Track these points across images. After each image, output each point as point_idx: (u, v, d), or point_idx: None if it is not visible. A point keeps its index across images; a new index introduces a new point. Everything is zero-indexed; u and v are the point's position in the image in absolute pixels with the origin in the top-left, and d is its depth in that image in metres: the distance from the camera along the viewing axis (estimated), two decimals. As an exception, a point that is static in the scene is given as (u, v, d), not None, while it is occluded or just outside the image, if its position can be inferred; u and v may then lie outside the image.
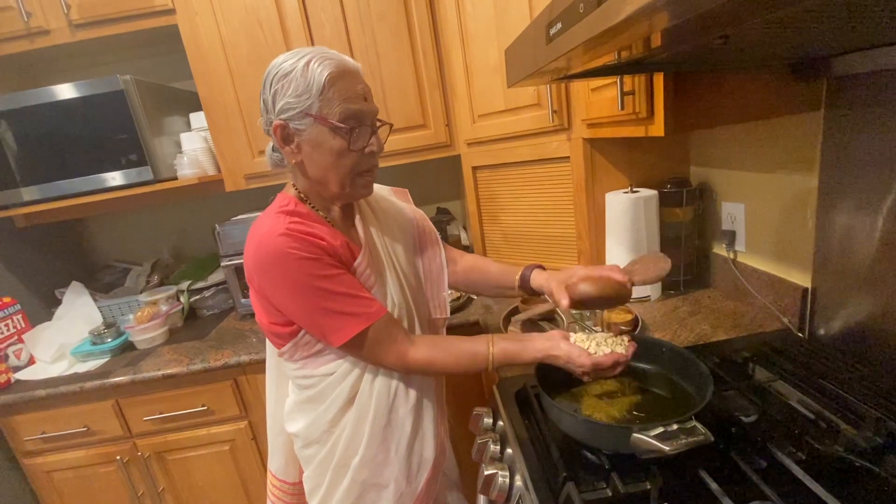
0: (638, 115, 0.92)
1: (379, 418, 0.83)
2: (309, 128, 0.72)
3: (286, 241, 0.70)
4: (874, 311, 0.85)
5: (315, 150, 0.74)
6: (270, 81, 0.72)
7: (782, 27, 0.54)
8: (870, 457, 0.65)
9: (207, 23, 1.44)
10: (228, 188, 1.60)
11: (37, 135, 1.42)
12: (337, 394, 0.82)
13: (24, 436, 1.39)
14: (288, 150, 0.75)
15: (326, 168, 0.75)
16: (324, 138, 0.72)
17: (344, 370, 0.81)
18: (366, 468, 0.84)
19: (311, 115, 0.71)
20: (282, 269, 0.70)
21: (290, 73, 0.70)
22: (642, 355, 0.90)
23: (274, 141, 0.76)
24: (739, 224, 1.17)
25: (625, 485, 0.65)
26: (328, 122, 0.71)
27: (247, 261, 0.75)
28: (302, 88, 0.70)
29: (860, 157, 0.83)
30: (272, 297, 0.74)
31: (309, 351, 0.80)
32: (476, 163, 1.55)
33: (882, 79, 0.77)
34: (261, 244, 0.72)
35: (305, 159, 0.75)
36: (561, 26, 0.50)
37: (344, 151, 0.73)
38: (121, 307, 1.69)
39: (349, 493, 0.85)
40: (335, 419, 0.83)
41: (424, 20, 1.47)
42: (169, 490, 1.47)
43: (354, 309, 0.74)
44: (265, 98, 0.73)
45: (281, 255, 0.70)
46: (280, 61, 0.72)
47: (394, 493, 0.85)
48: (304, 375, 0.83)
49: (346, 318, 0.73)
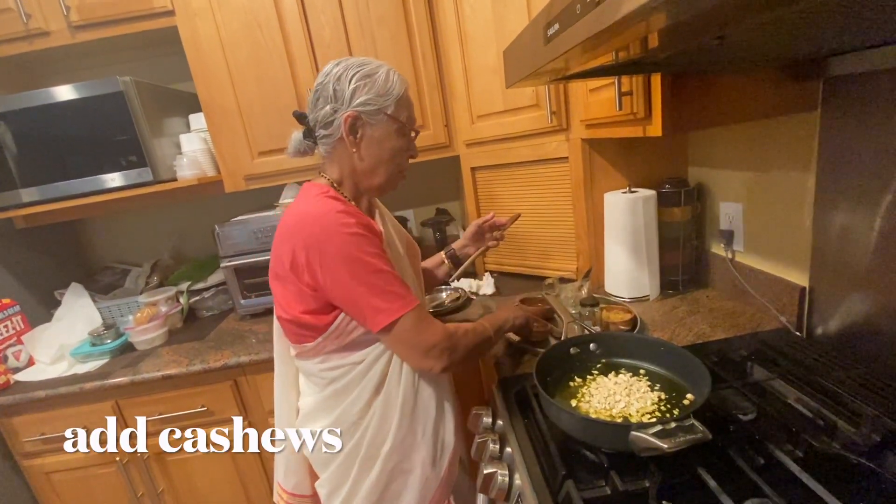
0: (636, 116, 0.92)
1: (407, 402, 0.86)
2: (379, 124, 0.82)
3: (341, 217, 0.75)
4: (871, 310, 0.85)
5: (377, 144, 0.83)
6: (350, 78, 0.80)
7: (778, 28, 0.54)
8: (867, 454, 0.65)
9: (207, 24, 1.45)
10: (228, 189, 1.60)
11: (36, 136, 1.43)
12: (366, 381, 0.85)
13: (24, 437, 1.39)
14: (350, 139, 0.82)
15: (381, 161, 0.85)
16: (388, 135, 0.83)
17: (373, 357, 0.84)
18: (395, 454, 0.86)
19: (386, 114, 0.82)
20: (336, 244, 0.74)
21: (374, 75, 0.81)
22: (641, 354, 0.91)
23: (335, 129, 0.82)
24: (737, 224, 1.18)
25: (623, 483, 0.65)
26: (400, 122, 0.84)
27: (291, 243, 0.77)
28: (384, 91, 0.81)
29: (856, 157, 0.84)
30: (321, 275, 0.75)
31: (342, 342, 0.82)
32: (475, 163, 1.56)
33: (877, 79, 0.78)
34: (315, 221, 0.76)
35: (364, 150, 0.84)
36: (558, 27, 0.51)
37: (401, 150, 0.86)
38: (120, 308, 1.69)
39: (377, 485, 0.86)
40: (364, 408, 0.86)
41: (423, 22, 1.48)
42: (168, 491, 1.47)
43: (401, 291, 0.78)
44: (337, 89, 0.80)
45: (336, 230, 0.74)
46: (358, 63, 0.81)
47: (420, 477, 0.88)
48: (331, 367, 0.85)
49: (394, 299, 0.77)
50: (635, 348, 0.92)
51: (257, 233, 1.55)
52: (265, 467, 1.46)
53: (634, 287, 1.30)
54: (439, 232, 1.81)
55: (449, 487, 0.93)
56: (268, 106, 1.51)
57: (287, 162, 1.56)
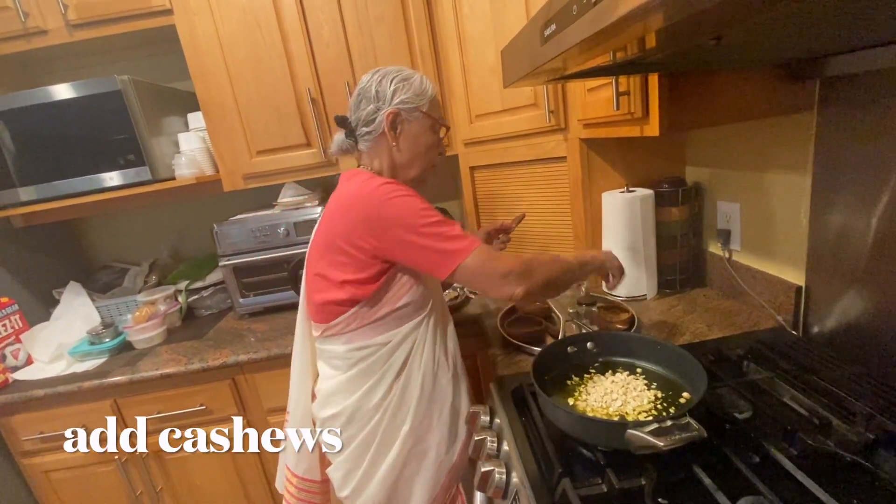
0: (633, 116, 0.93)
1: (426, 385, 0.92)
2: (416, 121, 0.92)
3: (390, 186, 0.84)
4: (867, 309, 0.86)
5: (413, 140, 0.93)
6: (391, 80, 0.90)
7: (775, 28, 0.55)
8: (861, 452, 0.66)
9: (205, 23, 1.44)
10: (226, 188, 1.60)
11: (34, 135, 1.43)
12: (391, 363, 0.90)
13: (22, 435, 1.39)
14: (391, 134, 0.91)
15: (417, 155, 0.94)
16: (424, 132, 0.94)
17: (398, 340, 0.90)
18: (412, 435, 0.91)
19: (421, 112, 0.92)
20: (394, 205, 0.82)
21: (410, 78, 0.92)
22: (638, 353, 0.91)
23: (378, 125, 0.91)
24: (734, 223, 1.18)
25: (620, 480, 0.65)
26: (433, 118, 0.94)
27: (353, 214, 0.84)
28: (420, 91, 0.92)
29: (852, 157, 0.84)
30: (382, 237, 0.82)
31: (370, 318, 0.88)
32: (473, 163, 1.56)
33: (873, 79, 0.78)
34: (371, 194, 0.83)
35: (402, 144, 0.93)
36: (555, 27, 0.51)
37: (433, 146, 0.96)
38: (119, 307, 1.69)
39: (394, 466, 0.90)
40: (387, 390, 0.90)
41: (422, 22, 1.48)
42: (167, 490, 1.47)
43: (464, 233, 0.84)
44: (379, 91, 0.90)
45: (391, 194, 0.82)
46: (395, 69, 0.93)
47: (434, 461, 0.93)
48: (358, 348, 0.90)
49: (460, 240, 0.82)
50: (632, 347, 0.92)
51: (256, 232, 1.55)
52: (264, 465, 1.47)
53: (632, 286, 1.30)
54: (438, 231, 1.81)
55: (459, 473, 0.97)
56: (266, 105, 1.51)
57: (286, 161, 1.57)
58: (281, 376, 1.35)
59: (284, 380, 1.07)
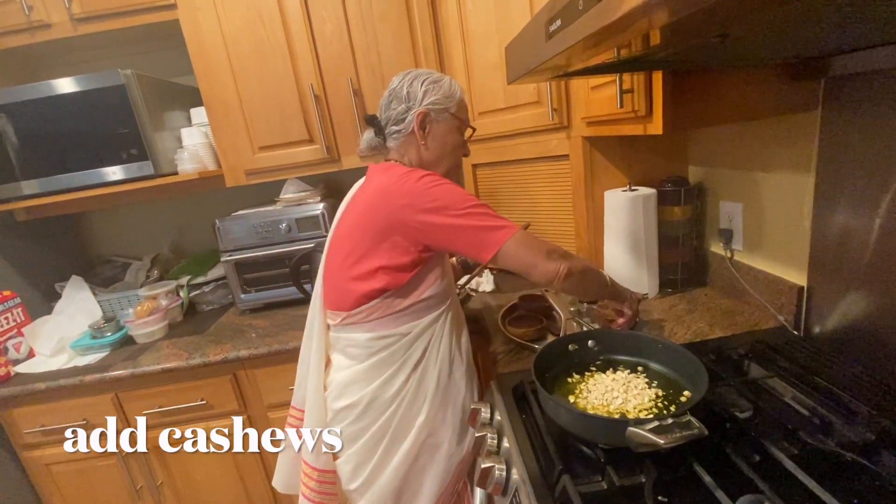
0: (637, 114, 0.92)
1: (442, 378, 0.95)
2: (444, 121, 0.96)
3: (436, 176, 0.88)
4: (869, 310, 0.86)
5: (441, 139, 0.96)
6: (422, 82, 0.94)
7: (781, 26, 0.54)
8: (862, 452, 0.65)
9: (209, 18, 1.44)
10: (229, 183, 1.60)
11: (37, 129, 1.43)
12: (410, 354, 0.93)
13: (24, 428, 1.40)
14: (420, 133, 0.95)
15: (444, 154, 0.98)
16: (450, 132, 0.97)
17: (419, 331, 0.92)
18: (427, 427, 0.94)
19: (449, 113, 0.96)
20: (436, 192, 0.85)
21: (440, 81, 0.96)
22: (639, 352, 0.91)
23: (407, 125, 0.95)
24: (737, 223, 1.18)
25: (620, 478, 0.65)
26: (460, 119, 0.98)
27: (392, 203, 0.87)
28: (449, 93, 0.95)
29: (856, 157, 0.84)
30: (425, 222, 0.85)
31: (394, 308, 0.90)
32: (476, 160, 1.56)
33: (878, 79, 0.78)
34: (406, 183, 0.86)
35: (430, 143, 0.96)
36: (560, 23, 0.51)
37: (459, 146, 1.00)
38: (120, 301, 1.70)
39: (407, 457, 0.92)
40: (405, 381, 0.92)
41: (425, 18, 1.48)
42: (168, 484, 1.47)
43: (501, 217, 0.87)
44: (410, 91, 0.94)
45: (432, 181, 0.86)
46: (426, 72, 0.97)
47: (446, 453, 0.95)
48: (379, 337, 0.92)
49: (503, 222, 0.86)
50: (633, 346, 0.92)
51: (257, 227, 1.56)
52: (263, 460, 1.47)
53: (633, 285, 1.30)
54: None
55: (467, 467, 0.99)
56: (269, 101, 1.51)
57: (288, 157, 1.57)
58: (282, 372, 1.36)
59: (285, 375, 1.08)
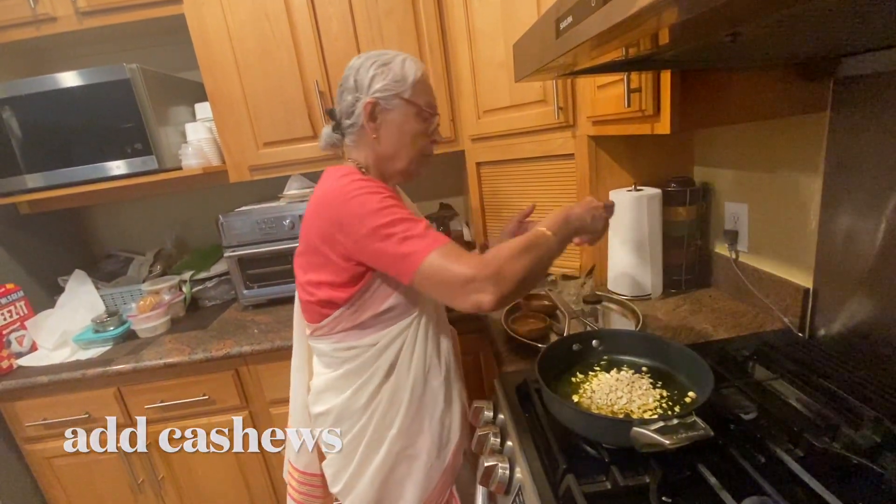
0: (644, 113, 0.92)
1: (416, 388, 0.88)
2: (397, 109, 0.85)
3: (356, 181, 0.79)
4: (875, 313, 0.85)
5: (396, 129, 0.86)
6: (368, 67, 0.84)
7: (792, 25, 0.54)
8: (867, 455, 0.65)
9: (214, 14, 1.44)
10: (232, 179, 1.60)
11: (42, 122, 1.43)
12: (379, 364, 0.87)
13: (26, 421, 1.40)
14: (371, 125, 0.86)
15: (402, 146, 0.87)
16: (407, 119, 0.86)
17: (387, 341, 0.86)
18: (401, 438, 0.89)
19: (402, 99, 0.85)
20: (356, 204, 0.76)
21: (390, 63, 0.85)
22: (644, 352, 0.91)
23: (357, 117, 0.86)
24: (742, 224, 1.18)
25: (624, 478, 0.65)
26: (416, 105, 0.86)
27: (324, 214, 0.80)
28: (400, 77, 0.84)
29: (865, 160, 0.84)
30: (350, 237, 0.77)
31: (356, 320, 0.84)
32: (480, 158, 1.55)
33: (888, 81, 0.78)
34: (332, 194, 0.79)
35: (383, 135, 0.87)
36: (571, 20, 0.51)
37: (420, 134, 0.88)
38: (123, 296, 1.70)
39: (382, 467, 0.88)
40: (374, 391, 0.87)
41: (432, 15, 1.47)
42: (169, 478, 1.48)
43: (424, 233, 0.75)
44: (357, 79, 0.85)
45: (354, 191, 0.78)
46: (376, 54, 0.86)
47: (425, 464, 0.90)
48: (346, 347, 0.87)
49: (417, 242, 0.73)
50: (638, 346, 0.92)
51: (261, 223, 1.55)
52: (265, 456, 1.47)
53: (637, 285, 1.30)
54: (443, 226, 1.81)
55: (453, 476, 0.95)
56: (274, 97, 1.51)
57: (292, 153, 1.56)
58: (284, 368, 1.34)
59: (287, 371, 1.07)
